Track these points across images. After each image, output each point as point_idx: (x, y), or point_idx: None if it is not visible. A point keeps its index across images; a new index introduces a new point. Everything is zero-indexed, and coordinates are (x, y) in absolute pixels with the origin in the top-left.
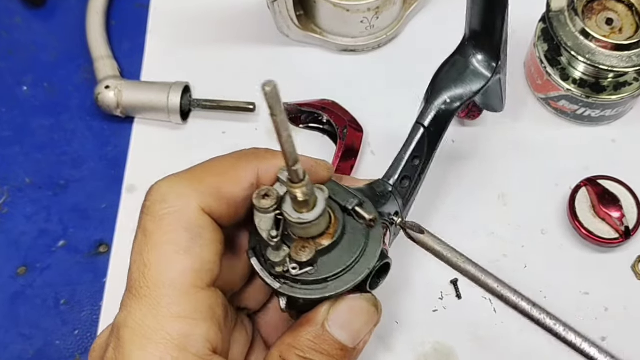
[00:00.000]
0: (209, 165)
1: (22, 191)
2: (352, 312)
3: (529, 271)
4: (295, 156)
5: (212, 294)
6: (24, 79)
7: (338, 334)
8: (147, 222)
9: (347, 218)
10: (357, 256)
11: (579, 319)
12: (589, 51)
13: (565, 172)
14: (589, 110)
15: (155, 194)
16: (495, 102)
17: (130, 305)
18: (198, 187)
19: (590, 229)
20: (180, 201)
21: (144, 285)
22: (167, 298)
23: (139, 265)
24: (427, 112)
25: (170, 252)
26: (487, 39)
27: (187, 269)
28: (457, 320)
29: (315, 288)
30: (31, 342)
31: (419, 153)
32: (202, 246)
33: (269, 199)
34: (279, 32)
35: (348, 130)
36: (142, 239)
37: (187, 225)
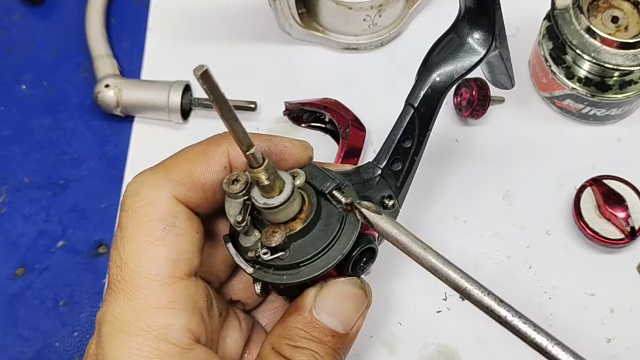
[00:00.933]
0: (180, 154)
1: (21, 191)
2: (339, 297)
3: (533, 272)
4: (247, 141)
5: (192, 283)
6: (23, 77)
7: (327, 320)
8: (122, 217)
9: (325, 203)
10: (331, 241)
11: (584, 320)
12: (594, 49)
13: (570, 172)
14: (594, 109)
15: (130, 189)
16: (502, 79)
17: (109, 300)
18: (169, 177)
19: (595, 230)
20: (152, 192)
21: (120, 278)
22: (144, 290)
23: (116, 259)
24: (416, 91)
25: (144, 243)
26: (482, 15)
27: (162, 259)
28: (461, 322)
29: (287, 273)
30: (30, 344)
31: (410, 134)
32: (177, 235)
33: (238, 184)
34: (280, 30)
35: (350, 129)
36: (118, 234)
37: (160, 215)
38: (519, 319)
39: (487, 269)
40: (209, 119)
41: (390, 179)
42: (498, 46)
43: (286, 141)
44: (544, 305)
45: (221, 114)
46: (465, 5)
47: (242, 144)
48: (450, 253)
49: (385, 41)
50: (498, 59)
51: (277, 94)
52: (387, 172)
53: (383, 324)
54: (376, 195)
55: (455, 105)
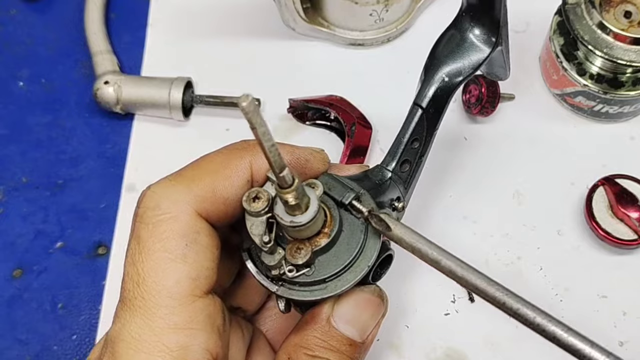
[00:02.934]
0: (201, 165)
1: (18, 191)
2: (358, 306)
3: (544, 274)
4: (281, 163)
5: (210, 301)
6: (20, 74)
7: (345, 329)
8: (140, 229)
9: (344, 213)
10: (356, 253)
11: (596, 323)
12: (607, 45)
13: (582, 171)
14: (606, 107)
15: (148, 200)
16: (498, 71)
17: (124, 317)
18: (192, 191)
19: (607, 230)
20: (175, 207)
21: (138, 295)
22: (163, 308)
23: (132, 275)
24: (424, 92)
25: (165, 260)
26: (485, 12)
27: (184, 277)
28: (470, 325)
29: (313, 289)
30: (28, 347)
31: (418, 135)
32: (198, 252)
33: (260, 201)
34: (284, 26)
35: (356, 127)
36: (135, 247)
37: (183, 231)
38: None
39: (497, 270)
40: (211, 117)
41: (399, 180)
42: (501, 43)
43: (309, 153)
44: (555, 308)
45: (260, 141)
46: (468, 1)
47: (276, 167)
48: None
49: (392, 37)
50: (498, 53)
51: (281, 91)
52: (396, 175)
53: (390, 327)
54: (386, 199)
55: (463, 102)
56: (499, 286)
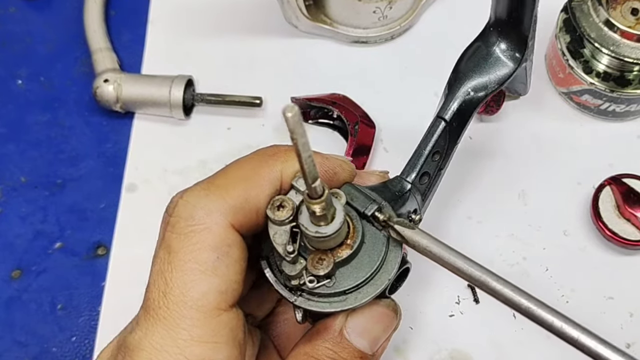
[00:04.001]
0: (232, 173)
1: (17, 190)
2: (372, 319)
3: (550, 275)
4: (315, 174)
5: (234, 315)
6: (19, 72)
7: (357, 342)
8: (171, 239)
9: (366, 224)
10: (377, 266)
11: (603, 324)
12: (613, 43)
13: (588, 170)
14: (613, 105)
15: (182, 210)
16: (519, 87)
17: (146, 326)
18: (226, 201)
19: (614, 230)
20: (209, 218)
21: (163, 305)
22: (188, 320)
23: (160, 284)
24: (449, 105)
25: (196, 272)
26: (513, 28)
27: (212, 290)
28: (474, 326)
29: (333, 300)
30: (26, 349)
31: (439, 148)
32: (228, 266)
33: (284, 210)
34: (286, 23)
35: (359, 126)
36: (164, 256)
37: (215, 243)
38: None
39: (502, 271)
40: (212, 115)
41: (417, 192)
42: (527, 59)
43: (338, 165)
44: (561, 309)
45: (298, 151)
46: (496, 15)
47: (309, 178)
48: None
49: (396, 34)
50: (522, 70)
51: (283, 89)
52: (414, 187)
53: None
54: (404, 210)
55: None
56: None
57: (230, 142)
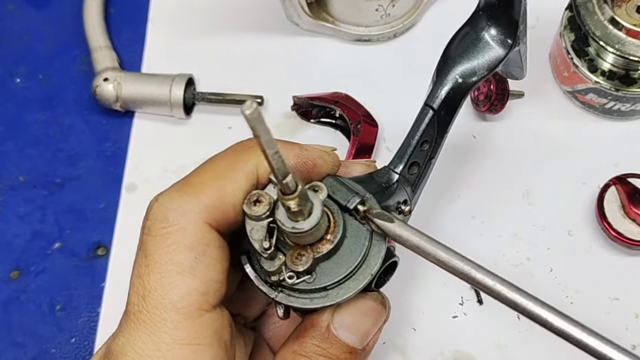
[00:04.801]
0: (207, 170)
1: (15, 190)
2: (359, 313)
3: (554, 275)
4: (284, 170)
5: (218, 315)
6: (17, 70)
7: (345, 337)
8: (147, 242)
9: (348, 218)
10: (359, 261)
11: (608, 326)
12: (619, 41)
13: (593, 170)
14: (618, 104)
15: (156, 212)
16: (514, 70)
17: (128, 331)
18: (201, 200)
19: (619, 230)
20: (183, 218)
21: (143, 309)
22: (169, 323)
23: (138, 288)
24: (436, 93)
25: (173, 273)
26: (503, 12)
27: (192, 291)
28: (478, 327)
29: (314, 296)
30: (25, 350)
31: (428, 137)
32: (207, 265)
33: (261, 205)
34: (288, 21)
35: (362, 125)
36: (142, 260)
37: (191, 243)
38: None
39: (505, 271)
40: (213, 114)
41: (406, 183)
42: (519, 44)
43: (318, 156)
44: (565, 310)
45: (263, 149)
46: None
47: (279, 174)
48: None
49: (399, 32)
50: (515, 54)
51: (284, 88)
52: (403, 177)
53: (396, 330)
54: (393, 202)
55: (472, 99)
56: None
57: (231, 141)
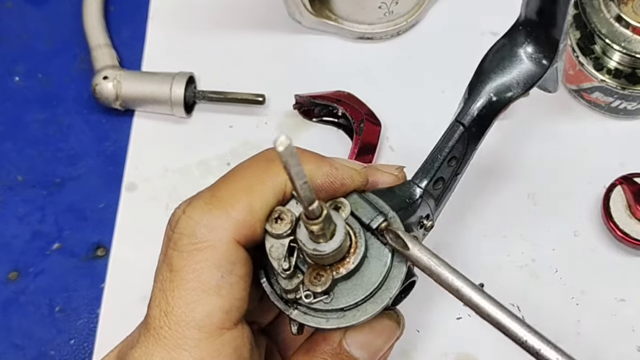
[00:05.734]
0: (235, 179)
1: (14, 190)
2: (373, 331)
3: (560, 276)
4: (311, 198)
5: (239, 332)
6: (16, 69)
7: (357, 353)
8: (173, 257)
9: (370, 237)
10: (380, 283)
11: (614, 327)
12: (625, 39)
13: (599, 170)
14: (624, 103)
15: (184, 226)
16: (549, 84)
17: (146, 344)
18: (231, 216)
19: (626, 231)
20: (212, 235)
21: (164, 325)
22: (189, 341)
23: (161, 302)
24: (468, 109)
25: (198, 291)
26: (544, 29)
27: (216, 310)
28: (483, 330)
29: (330, 317)
30: (24, 352)
31: (457, 154)
32: (233, 284)
33: (283, 223)
34: (290, 19)
35: (365, 124)
36: (166, 275)
37: (219, 261)
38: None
39: (510, 272)
40: (214, 113)
41: (430, 198)
42: (557, 61)
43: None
44: (571, 312)
45: (293, 180)
46: (526, 14)
47: (305, 201)
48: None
49: (402, 30)
50: (552, 71)
51: (286, 87)
52: (427, 193)
53: None
54: (415, 218)
55: None
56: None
57: (233, 140)
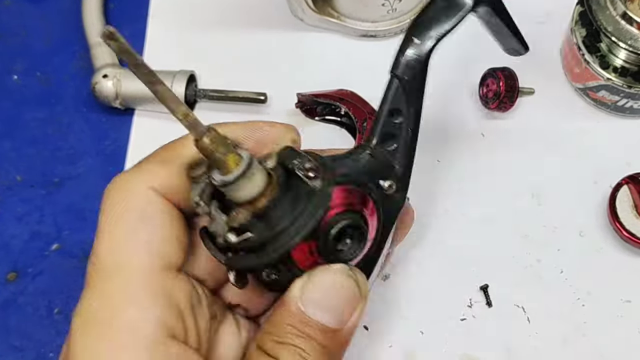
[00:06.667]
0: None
1: (12, 190)
2: (326, 287)
3: (565, 277)
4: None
5: (169, 277)
6: (14, 67)
7: (315, 314)
8: (99, 219)
9: (296, 181)
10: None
11: (620, 329)
12: (631, 37)
13: (605, 169)
14: (631, 102)
15: (105, 194)
16: (511, 42)
17: (83, 296)
18: (144, 167)
19: (632, 231)
20: (127, 185)
21: (94, 274)
22: (117, 282)
23: (91, 259)
24: (397, 57)
25: (118, 237)
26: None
27: (137, 250)
28: (487, 331)
29: (259, 255)
30: (23, 354)
31: (397, 106)
32: (153, 226)
33: (200, 167)
34: (292, 16)
35: (368, 122)
36: (95, 236)
37: (135, 207)
38: None
39: (515, 273)
40: (215, 112)
41: (384, 159)
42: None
43: (266, 125)
44: (577, 313)
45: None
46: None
47: (176, 112)
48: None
49: (406, 28)
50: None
51: (288, 85)
52: (379, 152)
53: (403, 333)
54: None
55: (480, 97)
56: None
57: None
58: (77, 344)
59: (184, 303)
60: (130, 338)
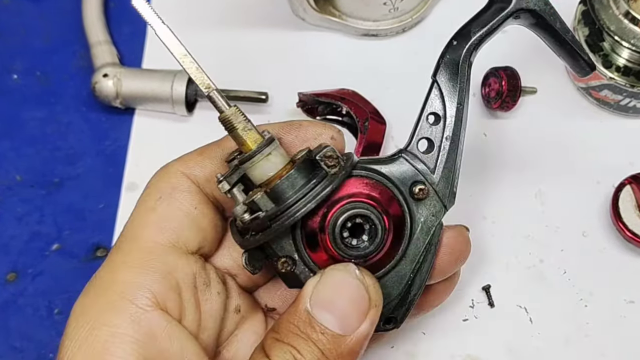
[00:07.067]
0: None
1: (12, 190)
2: (333, 287)
3: (568, 277)
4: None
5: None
6: (14, 66)
7: (320, 315)
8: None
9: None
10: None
11: (623, 329)
12: (634, 36)
13: (608, 169)
14: (634, 101)
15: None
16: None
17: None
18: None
19: (635, 231)
20: (165, 169)
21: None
22: (123, 249)
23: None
24: (437, 62)
25: (140, 212)
26: None
27: (148, 224)
28: (489, 331)
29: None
30: (23, 354)
31: (434, 109)
32: (169, 204)
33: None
34: (294, 15)
35: (370, 122)
36: None
37: (161, 188)
38: None
39: (518, 273)
40: (216, 111)
41: (417, 160)
42: None
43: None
44: (580, 314)
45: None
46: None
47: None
48: (477, 255)
49: (407, 27)
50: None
51: (290, 85)
52: (411, 154)
53: (405, 334)
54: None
55: (483, 96)
56: None
57: None
58: (76, 306)
59: (184, 282)
60: (117, 298)
